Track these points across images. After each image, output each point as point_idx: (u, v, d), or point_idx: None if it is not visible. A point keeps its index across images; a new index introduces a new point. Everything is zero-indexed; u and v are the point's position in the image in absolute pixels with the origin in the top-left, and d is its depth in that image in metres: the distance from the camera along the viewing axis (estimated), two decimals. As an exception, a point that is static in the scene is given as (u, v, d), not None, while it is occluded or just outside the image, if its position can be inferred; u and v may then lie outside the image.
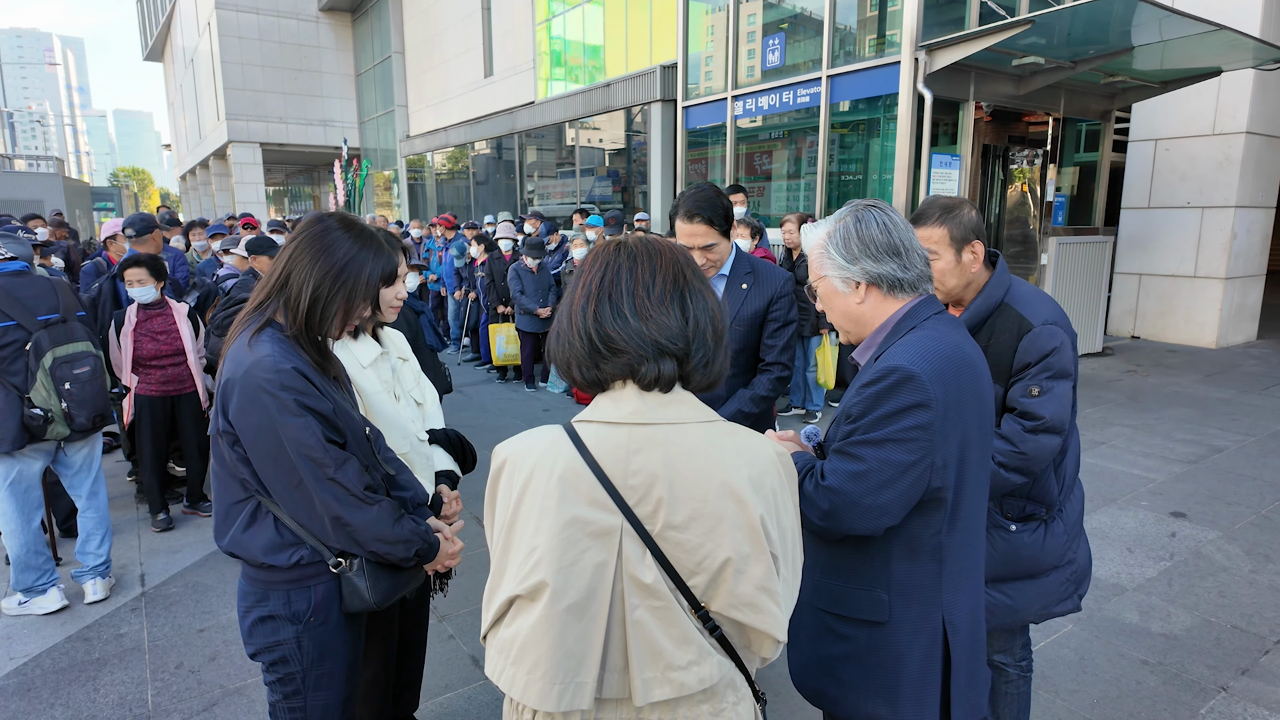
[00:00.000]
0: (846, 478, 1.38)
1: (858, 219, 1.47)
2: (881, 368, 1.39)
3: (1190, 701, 2.70)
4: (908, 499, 1.37)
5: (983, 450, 1.45)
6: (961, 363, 1.40)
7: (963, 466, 1.40)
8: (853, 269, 1.47)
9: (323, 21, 27.86)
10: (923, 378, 1.34)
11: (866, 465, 1.36)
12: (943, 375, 1.36)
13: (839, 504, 1.38)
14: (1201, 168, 8.80)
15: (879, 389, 1.37)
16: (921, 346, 1.38)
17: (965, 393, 1.39)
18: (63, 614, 3.44)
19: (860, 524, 1.38)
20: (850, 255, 1.47)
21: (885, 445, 1.35)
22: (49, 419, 3.24)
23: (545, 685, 1.06)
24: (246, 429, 1.52)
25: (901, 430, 1.35)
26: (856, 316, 1.51)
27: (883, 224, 1.46)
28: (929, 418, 1.34)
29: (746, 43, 9.83)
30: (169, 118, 45.46)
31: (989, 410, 1.46)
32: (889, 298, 1.48)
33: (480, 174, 19.47)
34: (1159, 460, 5.16)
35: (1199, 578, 3.58)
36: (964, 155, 7.79)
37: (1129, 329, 9.66)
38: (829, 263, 1.50)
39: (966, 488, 1.42)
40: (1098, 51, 7.09)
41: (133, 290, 4.10)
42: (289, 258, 1.61)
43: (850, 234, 1.47)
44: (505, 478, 1.15)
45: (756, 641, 1.14)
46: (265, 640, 1.64)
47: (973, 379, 1.41)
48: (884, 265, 1.45)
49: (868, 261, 1.45)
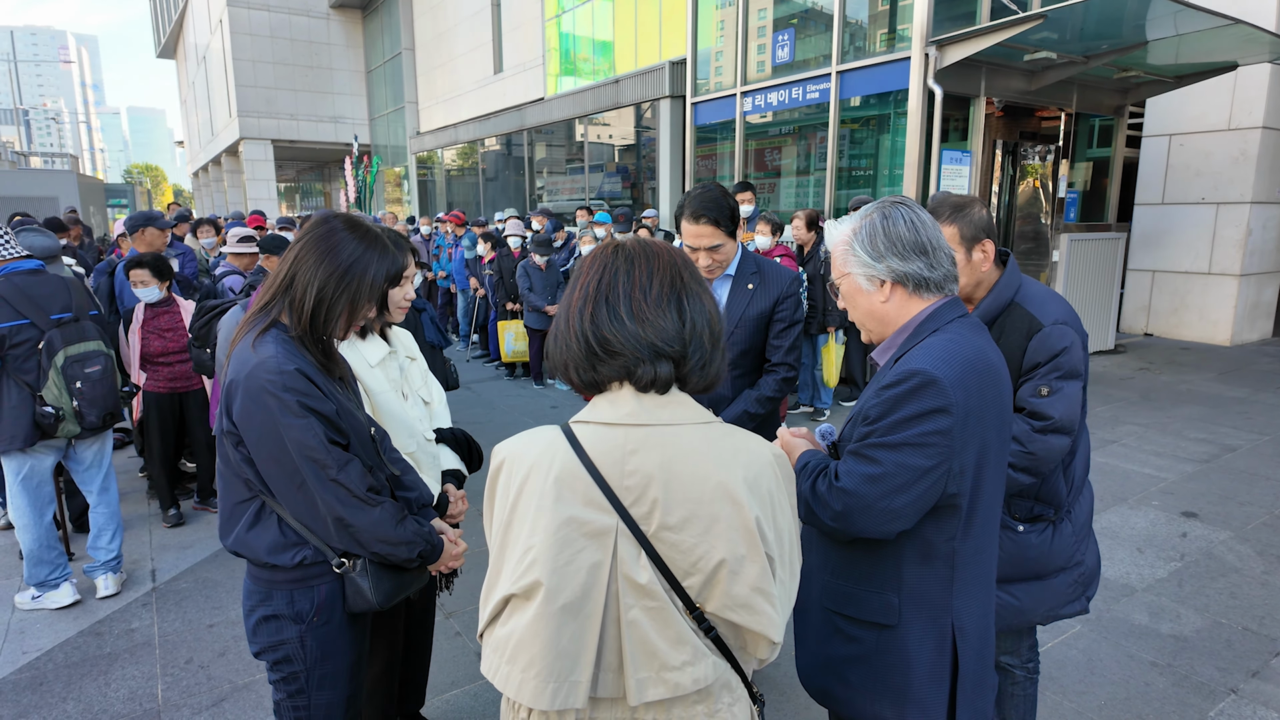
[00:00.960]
0: (861, 480, 1.36)
1: (884, 215, 1.44)
2: (902, 370, 1.36)
3: (1200, 704, 2.68)
4: (922, 504, 1.36)
5: (1000, 457, 1.43)
6: (985, 368, 1.37)
7: (980, 474, 1.38)
8: (878, 267, 1.44)
9: (333, 18, 27.95)
10: (945, 383, 1.32)
11: (883, 468, 1.34)
12: (965, 381, 1.33)
13: (852, 506, 1.37)
14: (1217, 163, 8.70)
15: (899, 392, 1.35)
16: (945, 350, 1.36)
17: (987, 399, 1.36)
18: (75, 609, 3.48)
19: (873, 527, 1.37)
20: (876, 253, 1.44)
21: (902, 449, 1.34)
22: (60, 417, 3.28)
23: (539, 684, 1.07)
24: (250, 430, 1.53)
25: (920, 435, 1.33)
26: (880, 315, 1.48)
27: (910, 221, 1.43)
28: (949, 423, 1.32)
29: (756, 38, 9.79)
30: (182, 115, 45.77)
31: (1009, 418, 1.44)
32: (914, 297, 1.45)
33: (490, 170, 19.50)
34: (1171, 459, 5.12)
35: (1210, 579, 3.55)
36: (975, 151, 7.73)
37: (1142, 326, 9.57)
38: (853, 260, 1.47)
39: (983, 495, 1.40)
40: (1111, 46, 7.02)
41: (137, 291, 4.13)
42: (294, 258, 1.62)
43: (876, 231, 1.44)
44: (503, 477, 1.16)
45: (752, 643, 1.14)
46: (269, 639, 1.65)
47: (995, 385, 1.39)
48: (910, 264, 1.42)
49: (894, 259, 1.43)
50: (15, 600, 3.51)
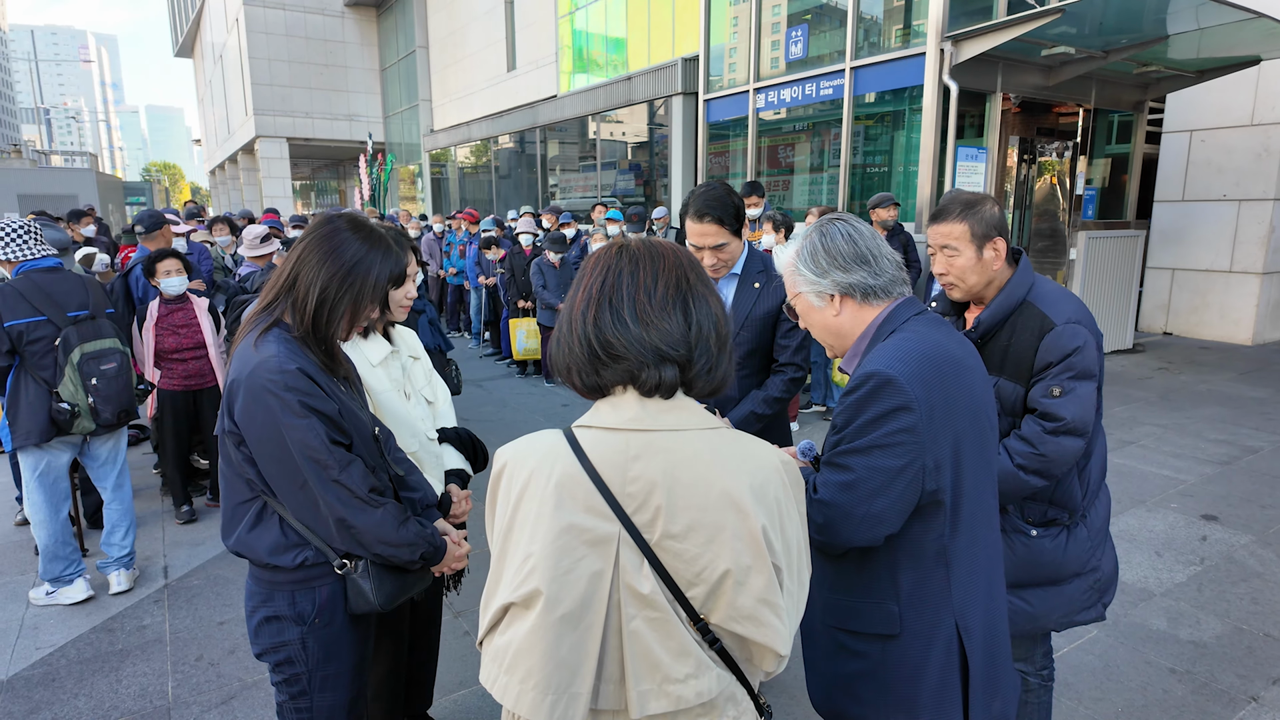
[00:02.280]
0: (837, 489, 1.37)
1: (822, 233, 1.50)
2: (860, 374, 1.38)
3: (1219, 712, 2.62)
4: (903, 505, 1.35)
5: (980, 447, 1.42)
6: (943, 360, 1.37)
7: (959, 466, 1.37)
8: (824, 282, 1.48)
9: (348, 16, 28.11)
10: (900, 380, 1.32)
11: (855, 474, 1.35)
12: (923, 375, 1.34)
13: (833, 516, 1.37)
14: (1239, 159, 8.55)
15: (858, 396, 1.37)
16: (899, 349, 1.37)
17: (952, 391, 1.37)
18: (88, 605, 3.50)
19: (858, 535, 1.36)
20: (819, 269, 1.48)
21: (871, 452, 1.34)
22: (75, 413, 3.31)
23: (538, 696, 1.04)
24: (251, 429, 1.52)
25: (886, 435, 1.33)
26: (835, 329, 1.52)
27: (847, 234, 1.48)
28: (912, 420, 1.32)
29: (770, 34, 9.73)
30: (199, 113, 46.19)
31: (983, 406, 1.44)
32: (865, 306, 1.48)
33: (503, 168, 19.54)
34: (1190, 461, 5.03)
35: (1230, 583, 3.48)
36: (990, 148, 7.64)
37: (1161, 325, 9.44)
38: (800, 279, 1.52)
39: (966, 487, 1.39)
40: (1131, 40, 6.91)
41: (164, 282, 4.15)
42: (297, 258, 1.61)
43: (816, 248, 1.49)
44: (504, 482, 1.14)
45: (758, 655, 1.11)
46: (271, 640, 1.65)
47: (958, 376, 1.39)
48: (854, 274, 1.46)
49: (837, 273, 1.47)
50: (29, 596, 3.54)
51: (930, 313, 1.49)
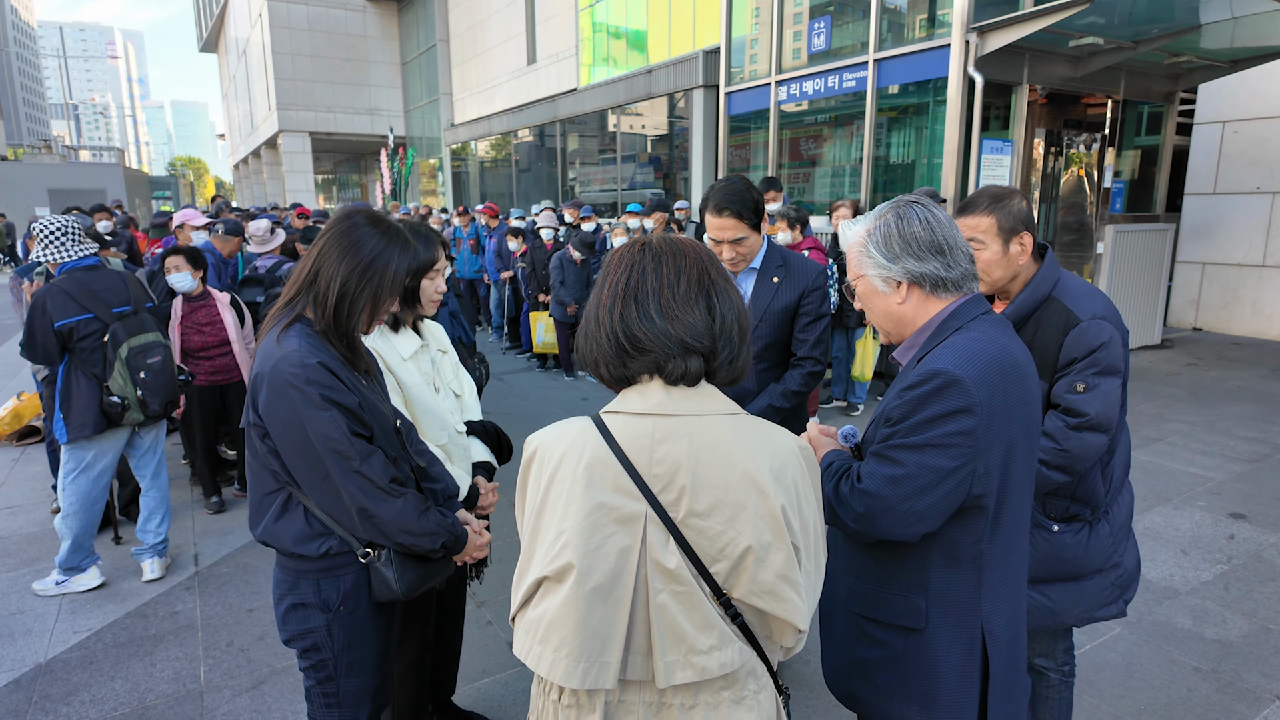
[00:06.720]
0: (884, 482, 1.35)
1: (899, 215, 1.42)
2: (925, 371, 1.34)
3: (1244, 711, 2.60)
4: (946, 506, 1.34)
5: (1029, 457, 1.40)
6: (1009, 367, 1.34)
7: (1007, 474, 1.36)
8: (894, 268, 1.41)
9: (369, 11, 28.28)
10: (968, 382, 1.30)
11: (905, 470, 1.33)
12: (989, 380, 1.31)
13: (875, 508, 1.35)
14: (1273, 151, 8.36)
15: (922, 393, 1.33)
16: (968, 349, 1.33)
17: (1012, 398, 1.34)
18: (121, 590, 3.60)
19: (896, 529, 1.35)
20: (891, 253, 1.41)
21: (925, 450, 1.32)
22: (126, 406, 3.42)
23: (570, 663, 1.10)
24: (275, 422, 1.56)
25: (943, 435, 1.31)
26: (898, 317, 1.46)
27: (925, 220, 1.40)
28: (973, 424, 1.30)
29: (792, 25, 9.65)
30: (223, 108, 46.72)
31: (1036, 416, 1.41)
32: (931, 297, 1.42)
33: (523, 161, 19.58)
34: (1218, 458, 4.96)
35: (1258, 583, 3.44)
36: (1016, 141, 7.54)
37: (1190, 320, 9.28)
38: (869, 261, 1.45)
39: (1010, 496, 1.38)
40: (1161, 30, 6.78)
41: (171, 278, 4.22)
42: (318, 254, 1.65)
43: (891, 231, 1.41)
44: (535, 466, 1.19)
45: (778, 630, 1.16)
46: (297, 627, 1.69)
47: (1020, 384, 1.36)
48: (927, 264, 1.40)
49: (909, 260, 1.40)
50: (34, 587, 3.57)
51: (995, 314, 1.45)
